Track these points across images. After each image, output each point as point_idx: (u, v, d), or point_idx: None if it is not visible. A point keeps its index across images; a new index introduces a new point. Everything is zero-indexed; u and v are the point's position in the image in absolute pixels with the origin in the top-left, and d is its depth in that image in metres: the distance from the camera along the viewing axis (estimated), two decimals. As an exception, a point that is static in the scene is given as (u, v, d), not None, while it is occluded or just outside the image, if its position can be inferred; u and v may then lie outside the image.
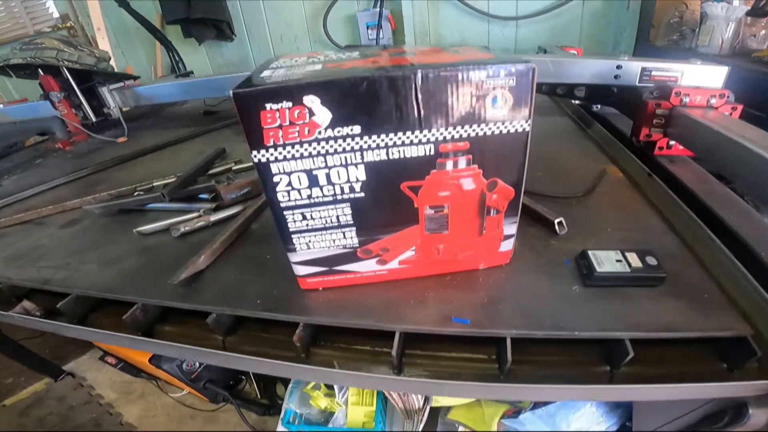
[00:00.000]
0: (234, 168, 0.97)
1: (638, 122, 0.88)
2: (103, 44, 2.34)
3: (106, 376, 1.82)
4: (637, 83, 0.98)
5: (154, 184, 0.90)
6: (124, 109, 1.59)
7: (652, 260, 0.51)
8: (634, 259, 0.52)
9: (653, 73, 0.97)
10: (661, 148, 0.87)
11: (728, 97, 0.84)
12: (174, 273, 0.60)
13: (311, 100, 0.40)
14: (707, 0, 1.52)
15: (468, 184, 0.47)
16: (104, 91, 1.46)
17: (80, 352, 1.92)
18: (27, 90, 2.64)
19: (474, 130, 0.43)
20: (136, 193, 0.88)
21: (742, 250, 0.55)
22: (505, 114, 0.42)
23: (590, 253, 0.53)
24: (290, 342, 0.51)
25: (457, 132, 0.43)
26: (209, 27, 2.24)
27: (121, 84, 1.51)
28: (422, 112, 0.41)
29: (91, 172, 1.13)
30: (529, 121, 0.43)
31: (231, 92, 0.39)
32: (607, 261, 0.52)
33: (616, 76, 1.00)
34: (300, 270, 0.54)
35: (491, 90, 0.41)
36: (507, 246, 0.54)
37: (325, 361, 0.54)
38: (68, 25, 2.55)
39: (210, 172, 0.96)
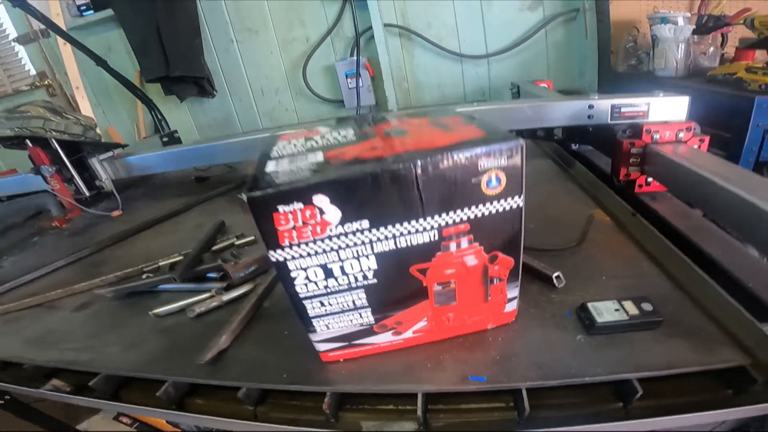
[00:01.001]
0: (237, 243, 0.98)
1: (616, 162, 0.91)
2: (83, 103, 2.30)
3: (121, 436, 1.73)
4: (609, 121, 1.00)
5: (160, 263, 0.92)
6: (113, 179, 1.56)
7: (647, 306, 0.55)
8: (630, 307, 0.55)
9: (623, 109, 0.99)
10: (641, 186, 0.90)
11: (695, 129, 0.87)
12: (196, 351, 0.63)
13: (321, 200, 0.43)
14: (655, 23, 1.55)
15: (471, 260, 0.50)
16: (94, 162, 1.41)
17: (93, 411, 1.79)
18: (11, 160, 2.60)
19: (473, 212, 0.46)
20: (145, 276, 0.90)
21: (732, 283, 0.60)
22: (500, 193, 0.45)
23: (590, 305, 0.56)
24: (318, 408, 0.54)
25: (458, 216, 0.46)
26: (189, 84, 2.22)
27: (111, 154, 1.46)
28: (424, 200, 0.44)
29: (91, 252, 1.13)
30: (522, 197, 0.46)
31: (245, 196, 0.42)
32: (606, 311, 0.55)
33: (589, 116, 1.02)
34: (321, 347, 0.57)
35: (486, 172, 0.44)
36: (512, 306, 0.57)
37: (353, 423, 0.56)
38: (46, 83, 2.51)
39: (213, 248, 0.97)
